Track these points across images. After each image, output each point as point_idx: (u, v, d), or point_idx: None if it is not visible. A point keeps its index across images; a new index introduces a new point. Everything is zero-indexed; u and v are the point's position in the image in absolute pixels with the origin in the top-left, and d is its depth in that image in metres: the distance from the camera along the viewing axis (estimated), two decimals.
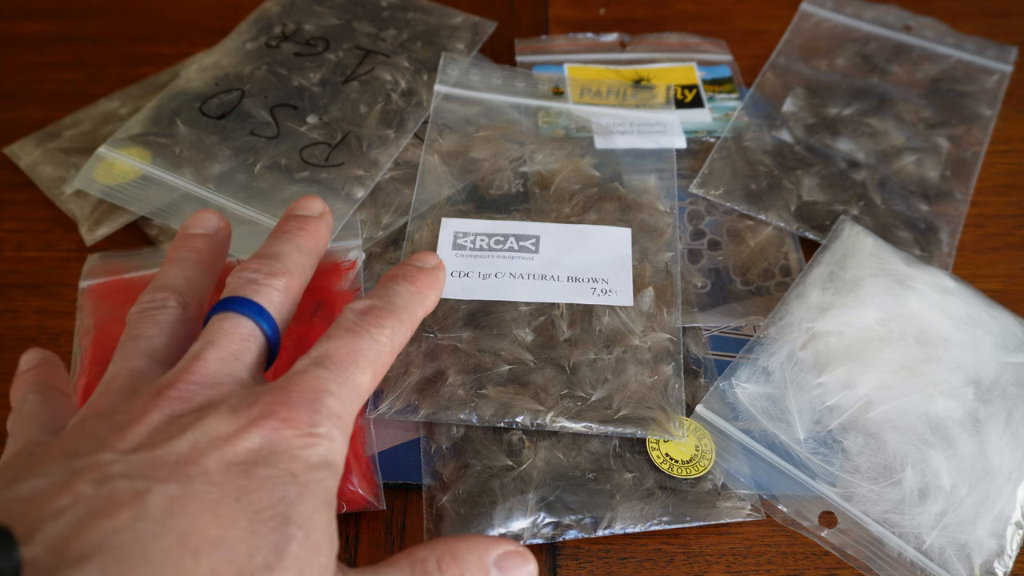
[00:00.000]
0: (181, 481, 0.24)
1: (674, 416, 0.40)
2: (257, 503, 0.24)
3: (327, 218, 0.35)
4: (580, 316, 0.42)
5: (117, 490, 0.23)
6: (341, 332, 0.29)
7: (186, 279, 0.33)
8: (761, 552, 0.38)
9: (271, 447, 0.26)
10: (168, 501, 0.23)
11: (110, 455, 0.25)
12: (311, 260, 0.33)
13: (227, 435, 0.25)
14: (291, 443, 0.26)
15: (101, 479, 0.24)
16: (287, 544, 0.24)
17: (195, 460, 0.25)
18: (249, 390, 0.28)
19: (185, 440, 0.25)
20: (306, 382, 0.28)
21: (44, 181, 0.50)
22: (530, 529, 0.37)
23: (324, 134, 0.49)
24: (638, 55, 0.58)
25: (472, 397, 0.39)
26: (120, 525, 0.23)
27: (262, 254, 0.32)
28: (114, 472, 0.24)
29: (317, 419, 0.27)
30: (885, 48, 0.58)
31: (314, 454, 0.26)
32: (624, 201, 0.48)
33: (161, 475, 0.24)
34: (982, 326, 0.42)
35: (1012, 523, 0.37)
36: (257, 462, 0.25)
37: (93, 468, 0.24)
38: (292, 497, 0.25)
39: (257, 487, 0.25)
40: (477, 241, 0.45)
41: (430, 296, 0.33)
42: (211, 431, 0.26)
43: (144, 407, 0.27)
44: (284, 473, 0.25)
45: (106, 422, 0.26)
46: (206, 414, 0.26)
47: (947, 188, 0.51)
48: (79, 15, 0.62)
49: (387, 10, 0.57)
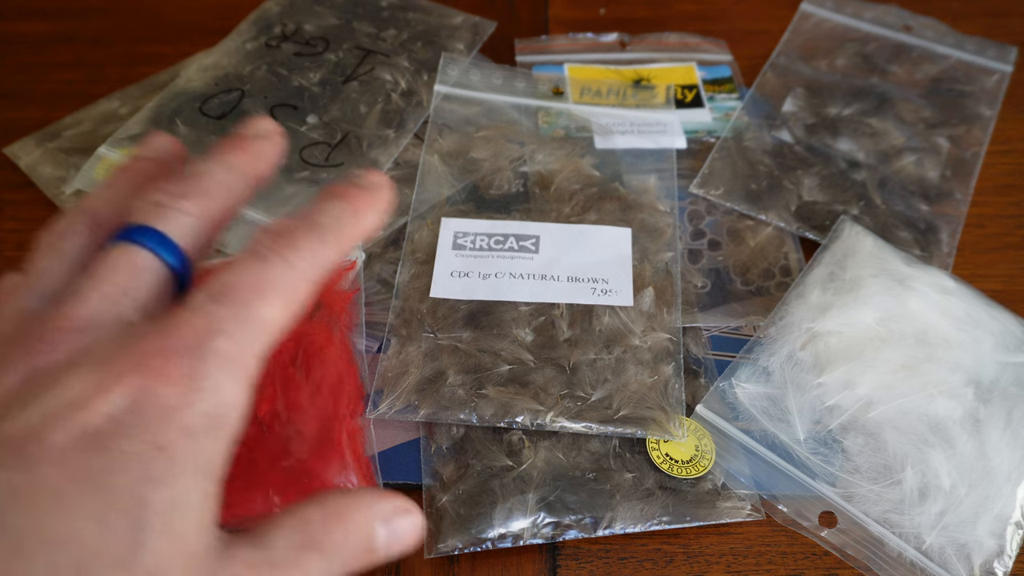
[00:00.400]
0: (23, 465, 0.20)
1: (674, 416, 0.40)
2: (111, 489, 0.21)
3: (275, 138, 0.29)
4: (580, 316, 0.42)
5: None
6: (248, 258, 0.25)
7: (110, 201, 0.27)
8: (761, 552, 0.38)
9: (137, 410, 0.22)
10: (5, 494, 0.20)
11: None
12: (243, 180, 0.27)
13: (86, 398, 0.22)
14: (164, 402, 0.22)
15: None
16: (142, 534, 0.21)
17: (42, 435, 0.21)
18: (125, 334, 0.24)
19: (36, 409, 0.21)
20: (193, 322, 0.23)
21: (44, 181, 0.50)
22: (530, 529, 0.37)
23: (324, 134, 0.49)
24: (638, 55, 0.58)
25: (472, 397, 0.39)
26: None
27: (179, 174, 0.27)
28: None
29: (200, 369, 0.23)
30: (885, 48, 0.58)
31: (192, 414, 0.22)
32: (624, 201, 0.48)
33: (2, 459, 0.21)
34: (982, 326, 0.42)
35: (1012, 523, 0.37)
36: (117, 432, 0.21)
37: None
38: (156, 477, 0.21)
39: (113, 466, 0.21)
40: (477, 241, 0.45)
41: (367, 216, 0.27)
42: (68, 394, 0.22)
43: (3, 361, 0.23)
44: (148, 446, 0.21)
45: None
46: (68, 371, 0.22)
47: (947, 188, 0.51)
48: (79, 15, 0.62)
49: (387, 10, 0.57)
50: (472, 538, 0.36)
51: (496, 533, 0.37)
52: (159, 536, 0.21)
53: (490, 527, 0.37)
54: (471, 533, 0.37)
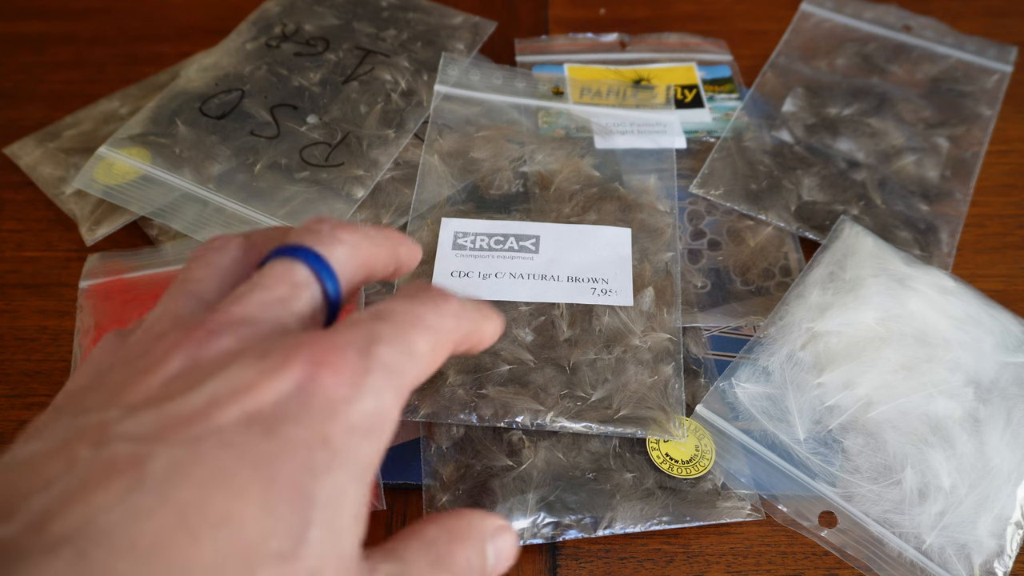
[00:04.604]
0: (189, 443, 0.20)
1: (674, 416, 0.40)
2: (277, 473, 0.21)
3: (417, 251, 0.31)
4: (580, 316, 0.42)
5: (116, 455, 0.20)
6: (401, 296, 0.26)
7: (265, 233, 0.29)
8: (761, 552, 0.38)
9: (304, 396, 0.22)
10: (171, 468, 0.20)
11: (115, 412, 0.21)
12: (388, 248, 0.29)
13: (252, 383, 0.22)
14: (330, 393, 0.22)
15: (101, 441, 0.20)
16: (307, 529, 0.21)
17: (209, 416, 0.21)
18: (290, 334, 0.24)
19: (203, 392, 0.22)
20: (358, 328, 0.24)
21: (44, 181, 0.50)
22: (530, 529, 0.37)
23: (324, 134, 0.49)
24: (638, 55, 0.58)
25: (472, 397, 0.39)
26: (111, 499, 0.19)
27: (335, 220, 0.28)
28: (117, 433, 0.21)
29: (367, 366, 0.23)
30: (885, 48, 0.58)
31: (357, 411, 0.22)
32: (624, 201, 0.48)
33: (168, 436, 0.21)
34: (982, 326, 0.42)
35: (1012, 523, 0.37)
36: (284, 418, 0.21)
37: (96, 428, 0.21)
38: (320, 469, 0.21)
39: (279, 452, 0.21)
40: (477, 241, 0.45)
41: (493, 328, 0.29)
42: (235, 379, 0.22)
43: (167, 350, 0.23)
44: (315, 435, 0.21)
45: (127, 369, 0.23)
46: (233, 359, 0.22)
47: (947, 188, 0.51)
48: (79, 15, 0.62)
49: (387, 10, 0.57)
50: None
51: None
52: (321, 532, 0.21)
53: None
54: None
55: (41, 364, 0.44)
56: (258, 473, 0.20)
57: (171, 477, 0.20)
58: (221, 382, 0.22)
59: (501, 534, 0.26)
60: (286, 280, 0.25)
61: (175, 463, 0.20)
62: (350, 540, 0.22)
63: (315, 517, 0.21)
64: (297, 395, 0.22)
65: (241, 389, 0.22)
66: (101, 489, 0.19)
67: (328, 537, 0.21)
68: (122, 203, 0.46)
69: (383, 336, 0.24)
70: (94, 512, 0.19)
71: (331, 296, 0.26)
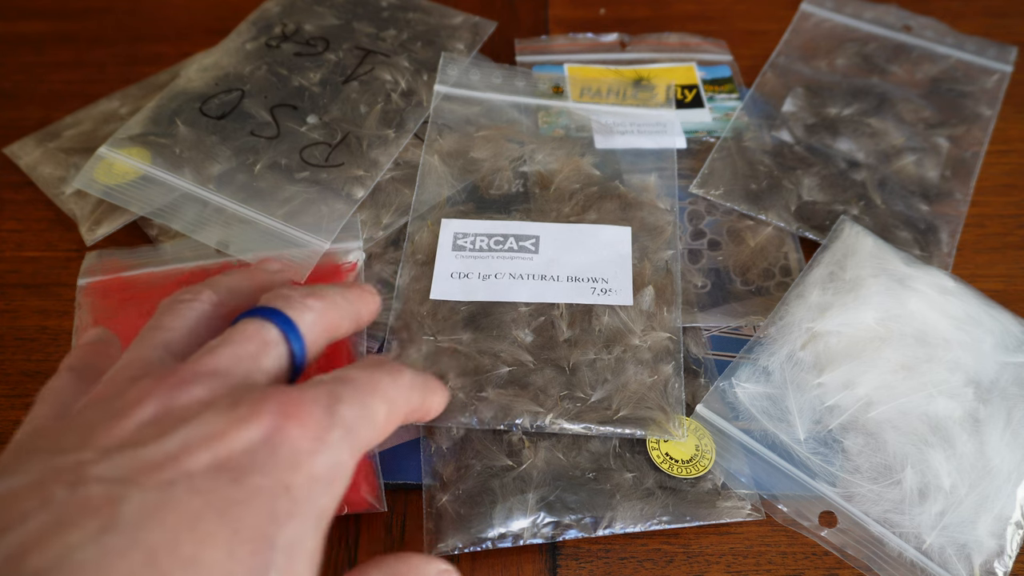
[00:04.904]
0: (161, 488, 0.22)
1: (674, 416, 0.40)
2: (241, 520, 0.22)
3: (377, 299, 0.33)
4: (580, 316, 0.42)
5: (90, 495, 0.21)
6: (360, 365, 0.28)
7: (230, 286, 0.31)
8: (761, 552, 0.38)
9: (271, 446, 0.23)
10: (143, 511, 0.21)
11: (91, 453, 0.22)
12: (351, 311, 0.31)
13: (222, 430, 0.23)
14: (296, 444, 0.24)
15: (76, 481, 0.22)
16: (267, 572, 0.22)
17: (180, 462, 0.22)
18: (259, 387, 0.26)
19: (175, 438, 0.23)
20: (322, 388, 0.26)
21: (44, 181, 0.50)
22: (530, 529, 0.37)
23: (324, 134, 0.49)
24: (638, 55, 0.58)
25: (472, 400, 0.39)
26: (85, 538, 0.20)
27: (304, 288, 0.30)
28: (92, 474, 0.22)
29: (330, 423, 0.25)
30: (885, 48, 0.58)
31: (319, 463, 0.24)
32: (624, 200, 0.48)
33: (141, 479, 0.22)
34: (982, 326, 0.42)
35: (1012, 523, 0.37)
36: (251, 466, 0.23)
37: (72, 468, 0.22)
38: (281, 516, 0.23)
39: (245, 500, 0.22)
40: (477, 242, 0.45)
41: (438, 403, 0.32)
42: (206, 427, 0.23)
43: (140, 395, 0.24)
44: (278, 484, 0.23)
45: (100, 411, 0.24)
46: (205, 408, 0.24)
47: (947, 188, 0.51)
48: (79, 15, 0.62)
49: (387, 10, 0.57)
50: (472, 538, 0.36)
51: (496, 533, 0.37)
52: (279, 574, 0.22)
53: (490, 527, 0.37)
54: (471, 533, 0.37)
55: (41, 364, 0.44)
56: (224, 519, 0.22)
57: (143, 520, 0.21)
58: (193, 429, 0.23)
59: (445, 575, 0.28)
60: (257, 338, 0.27)
61: (147, 506, 0.21)
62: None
63: (274, 561, 0.22)
64: (264, 444, 0.23)
65: (212, 436, 0.23)
66: (76, 528, 0.20)
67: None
68: (122, 203, 0.46)
69: (345, 397, 0.26)
70: (69, 550, 0.20)
71: (297, 357, 0.28)
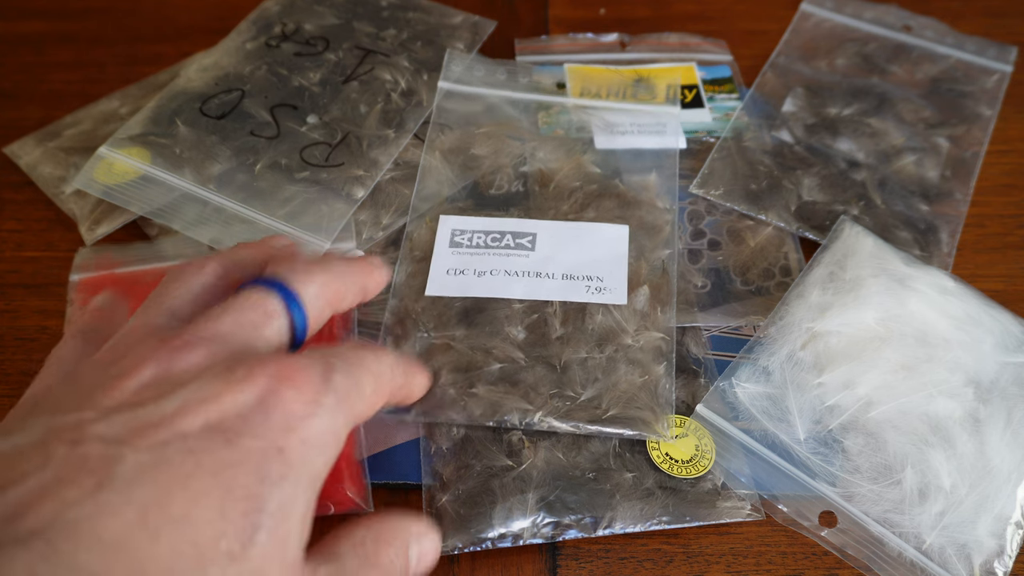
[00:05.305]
0: (155, 448, 0.22)
1: (663, 417, 0.39)
2: (233, 481, 0.23)
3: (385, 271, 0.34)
4: (573, 314, 0.42)
5: (89, 454, 0.22)
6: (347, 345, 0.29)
7: (235, 258, 0.31)
8: (761, 552, 0.38)
9: (265, 409, 0.24)
10: (137, 470, 0.22)
11: (91, 413, 0.23)
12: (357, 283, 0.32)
13: (217, 393, 0.24)
14: (290, 407, 0.24)
15: (76, 440, 0.22)
16: (256, 532, 0.23)
17: (175, 423, 0.23)
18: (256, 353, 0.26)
19: (172, 400, 0.23)
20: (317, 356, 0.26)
21: (44, 181, 0.50)
22: (530, 529, 0.37)
23: (324, 134, 0.49)
24: (638, 55, 0.58)
25: (462, 396, 0.39)
26: (80, 495, 0.21)
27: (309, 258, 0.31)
28: (91, 434, 0.22)
29: (325, 388, 0.25)
30: (885, 48, 0.58)
31: (312, 426, 0.24)
32: (623, 198, 0.48)
33: (137, 440, 0.22)
34: (982, 326, 0.42)
35: (1012, 523, 0.37)
36: (244, 430, 0.23)
37: (73, 427, 0.23)
38: (273, 477, 0.23)
39: (237, 461, 0.23)
40: (474, 238, 0.45)
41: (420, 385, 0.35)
42: (201, 390, 0.24)
43: (141, 358, 0.25)
44: (271, 447, 0.23)
45: (102, 373, 0.25)
46: (203, 372, 0.24)
47: (947, 188, 0.51)
48: (79, 15, 0.62)
49: (387, 10, 0.57)
50: (472, 538, 0.36)
51: (496, 533, 0.37)
52: (268, 536, 0.23)
53: (490, 527, 0.37)
54: (471, 533, 0.37)
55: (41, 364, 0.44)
56: (216, 479, 0.22)
57: (136, 478, 0.22)
58: (189, 392, 0.24)
59: (423, 537, 0.29)
60: (259, 308, 0.27)
61: (141, 466, 0.22)
62: (295, 544, 0.24)
63: (263, 522, 0.23)
64: (259, 407, 0.24)
65: (207, 399, 0.24)
66: (73, 486, 0.21)
67: (274, 541, 0.23)
68: (122, 203, 0.46)
69: (338, 367, 0.26)
70: (64, 507, 0.21)
71: (298, 328, 0.28)
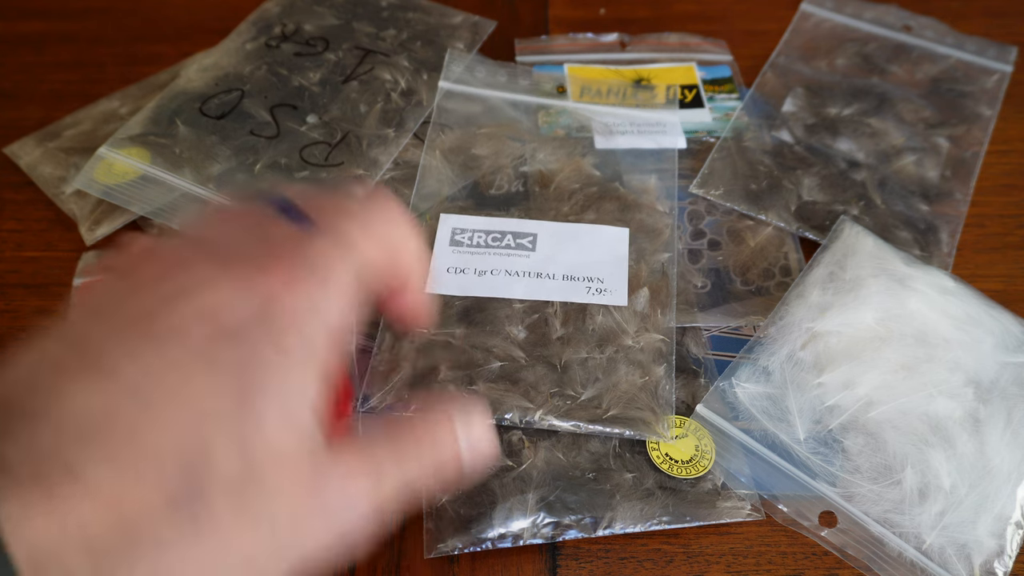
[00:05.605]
0: (160, 351, 0.23)
1: (663, 417, 0.39)
2: (228, 366, 0.24)
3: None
4: (574, 315, 0.42)
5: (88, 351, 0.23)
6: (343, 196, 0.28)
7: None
8: (761, 552, 0.38)
9: (266, 314, 0.24)
10: (141, 372, 0.23)
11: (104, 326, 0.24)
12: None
13: (222, 302, 0.24)
14: (294, 305, 0.25)
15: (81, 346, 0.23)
16: (263, 418, 0.23)
17: (182, 331, 0.24)
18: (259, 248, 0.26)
19: (179, 309, 0.24)
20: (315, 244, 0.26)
21: (44, 181, 0.50)
22: (530, 529, 0.37)
23: (324, 134, 0.49)
24: (638, 55, 0.58)
25: (462, 393, 0.39)
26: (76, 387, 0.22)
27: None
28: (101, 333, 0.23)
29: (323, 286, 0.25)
30: (885, 48, 0.58)
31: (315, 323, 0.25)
32: (624, 201, 0.48)
33: (129, 332, 0.23)
34: (982, 326, 0.42)
35: (1012, 523, 0.37)
36: (245, 333, 0.24)
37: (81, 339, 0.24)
38: (276, 368, 0.24)
39: (238, 349, 0.24)
40: (474, 238, 0.45)
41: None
42: (206, 298, 0.24)
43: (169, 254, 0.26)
44: (273, 347, 0.24)
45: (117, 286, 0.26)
46: (208, 278, 0.25)
47: (947, 188, 0.51)
48: (79, 15, 0.62)
49: (387, 10, 0.57)
50: (472, 538, 0.36)
51: (496, 533, 0.37)
52: (274, 409, 0.23)
53: (490, 527, 0.37)
54: (471, 533, 0.37)
55: None
56: (216, 371, 0.23)
57: (139, 381, 0.22)
58: (195, 299, 0.24)
59: (474, 425, 0.27)
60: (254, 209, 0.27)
61: (146, 369, 0.23)
62: (310, 419, 0.24)
63: (266, 404, 0.23)
64: (260, 312, 0.24)
65: (212, 305, 0.24)
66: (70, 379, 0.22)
67: (282, 415, 0.24)
68: (122, 203, 0.46)
69: (336, 257, 0.26)
70: (60, 395, 0.22)
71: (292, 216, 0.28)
